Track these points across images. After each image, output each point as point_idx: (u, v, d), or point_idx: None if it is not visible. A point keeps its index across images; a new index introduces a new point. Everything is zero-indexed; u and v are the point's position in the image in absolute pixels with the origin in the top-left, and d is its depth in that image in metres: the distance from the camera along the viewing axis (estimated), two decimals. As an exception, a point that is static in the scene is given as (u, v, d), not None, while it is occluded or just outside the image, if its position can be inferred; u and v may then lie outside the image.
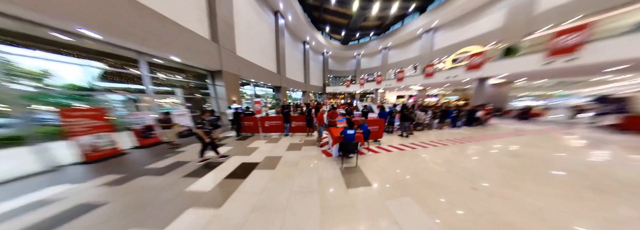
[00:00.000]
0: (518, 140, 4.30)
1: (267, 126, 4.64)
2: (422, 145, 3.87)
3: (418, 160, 2.91)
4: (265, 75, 9.94)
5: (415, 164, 2.75)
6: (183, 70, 5.76)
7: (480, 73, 8.73)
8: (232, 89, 6.50)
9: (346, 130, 2.58)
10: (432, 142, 4.13)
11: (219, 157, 2.98)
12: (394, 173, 2.40)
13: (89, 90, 3.45)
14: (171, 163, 2.82)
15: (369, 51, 20.45)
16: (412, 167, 2.60)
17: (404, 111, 4.47)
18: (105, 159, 2.96)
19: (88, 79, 3.48)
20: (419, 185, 2.03)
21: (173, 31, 4.14)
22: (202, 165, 2.73)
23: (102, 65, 3.76)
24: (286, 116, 4.38)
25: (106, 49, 3.55)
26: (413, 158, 3.03)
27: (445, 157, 3.07)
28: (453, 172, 2.42)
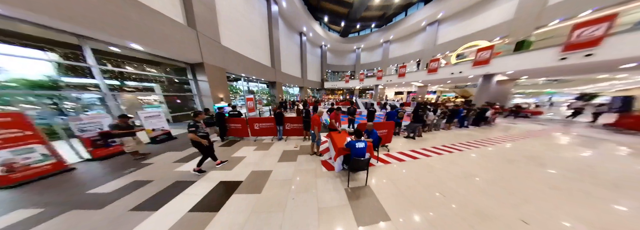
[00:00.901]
0: (542, 143, 3.87)
1: (258, 129, 3.97)
2: (437, 151, 3.37)
3: (440, 174, 2.39)
4: (258, 69, 8.98)
5: (438, 179, 2.23)
6: (159, 63, 4.83)
7: (487, 69, 8.18)
8: (217, 85, 5.65)
9: (354, 142, 1.96)
10: (446, 146, 3.64)
11: (217, 164, 2.60)
12: (417, 196, 1.87)
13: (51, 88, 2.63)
14: (126, 184, 2.16)
15: (370, 45, 19.36)
16: (437, 185, 2.07)
17: (418, 111, 3.90)
18: (37, 180, 2.24)
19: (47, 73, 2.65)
20: (456, 217, 1.51)
21: (132, 12, 3.20)
22: (199, 175, 2.34)
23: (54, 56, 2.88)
24: (279, 118, 3.71)
25: (44, 34, 2.65)
26: (432, 170, 2.51)
27: (469, 169, 2.57)
28: (490, 194, 1.91)
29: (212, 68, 5.36)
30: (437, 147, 3.61)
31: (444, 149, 3.49)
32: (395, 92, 21.22)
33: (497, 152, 3.31)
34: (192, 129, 2.16)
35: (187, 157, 3.01)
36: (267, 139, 4.09)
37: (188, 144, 3.26)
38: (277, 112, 3.68)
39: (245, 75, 8.40)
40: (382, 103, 12.19)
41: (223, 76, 5.96)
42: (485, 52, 8.06)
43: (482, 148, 3.59)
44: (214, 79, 5.45)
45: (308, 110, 3.64)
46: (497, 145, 3.82)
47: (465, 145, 3.74)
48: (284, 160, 2.83)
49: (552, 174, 2.45)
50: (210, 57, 5.25)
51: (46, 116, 2.69)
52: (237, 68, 7.00)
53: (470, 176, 2.34)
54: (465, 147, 3.65)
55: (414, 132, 4.19)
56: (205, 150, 2.37)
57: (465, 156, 3.09)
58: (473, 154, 3.24)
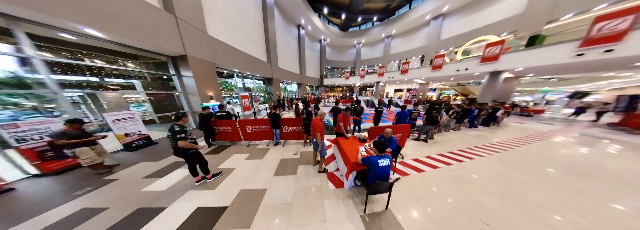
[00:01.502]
0: (565, 147, 3.51)
1: (251, 132, 3.42)
2: (456, 157, 2.95)
3: (474, 191, 1.97)
4: (253, 64, 8.22)
5: (474, 199, 1.80)
6: (137, 56, 4.09)
7: (496, 66, 7.73)
8: (205, 81, 4.97)
9: (376, 159, 1.47)
10: (464, 151, 3.23)
11: (211, 177, 2.18)
12: (453, 224, 1.42)
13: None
14: (71, 213, 1.61)
15: (371, 40, 18.51)
16: (478, 210, 1.64)
17: (432, 111, 3.43)
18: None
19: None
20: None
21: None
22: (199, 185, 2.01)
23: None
24: (275, 120, 3.16)
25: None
26: (461, 184, 2.09)
27: (502, 180, 2.17)
28: (540, 220, 1.49)
29: (198, 62, 4.64)
30: (454, 152, 3.20)
31: (462, 154, 3.08)
32: (395, 90, 20.79)
33: (524, 159, 2.92)
34: (182, 135, 1.76)
35: (161, 170, 2.46)
36: (262, 143, 3.56)
37: (168, 151, 2.70)
38: (272, 113, 3.12)
39: (239, 71, 7.66)
40: (385, 101, 11.73)
41: (212, 71, 5.26)
42: (494, 47, 7.57)
43: (504, 153, 3.20)
44: (201, 74, 4.75)
45: (309, 111, 3.09)
46: (517, 149, 3.45)
47: (484, 150, 3.34)
48: (281, 173, 2.34)
49: (608, 187, 2.07)
50: (194, 49, 4.53)
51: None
52: (228, 62, 6.26)
53: (514, 194, 1.92)
54: (485, 151, 3.25)
55: (427, 134, 3.75)
56: (197, 158, 2.01)
57: (490, 164, 2.69)
58: (498, 160, 2.84)
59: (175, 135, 1.74)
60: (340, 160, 2.34)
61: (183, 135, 1.77)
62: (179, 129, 1.76)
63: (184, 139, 1.78)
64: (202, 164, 2.09)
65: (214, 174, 2.24)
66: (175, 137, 1.74)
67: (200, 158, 2.05)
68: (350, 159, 1.81)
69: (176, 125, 1.79)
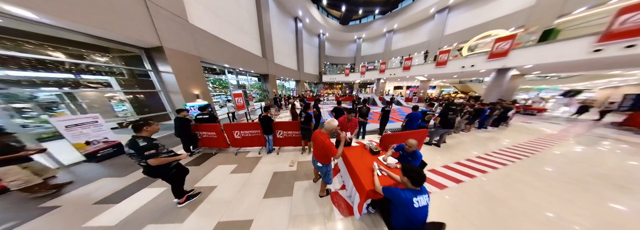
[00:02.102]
0: (585, 150, 3.14)
1: (239, 138, 2.90)
2: (477, 165, 2.54)
3: (514, 216, 1.54)
4: (246, 59, 7.49)
5: (512, 225, 1.38)
6: (107, 48, 3.38)
7: (504, 62, 7.29)
8: (189, 78, 4.33)
9: (410, 196, 0.96)
10: (483, 158, 2.83)
11: (184, 201, 1.72)
12: None
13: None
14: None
15: (372, 34, 17.67)
16: None
17: (448, 113, 2.97)
18: None
19: None
20: None
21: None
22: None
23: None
24: (266, 124, 2.63)
25: None
26: (497, 206, 1.68)
27: (543, 198, 1.77)
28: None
29: (178, 55, 3.97)
30: (473, 159, 2.79)
31: (483, 162, 2.68)
32: (395, 87, 20.34)
33: (555, 168, 2.54)
34: (152, 152, 1.31)
35: (123, 190, 1.95)
36: (253, 150, 3.05)
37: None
38: (263, 116, 2.59)
39: (230, 67, 6.94)
40: (386, 98, 11.27)
41: (196, 66, 4.59)
42: (504, 42, 7.07)
43: (528, 160, 2.82)
44: (183, 69, 4.09)
45: (309, 114, 2.57)
46: (538, 155, 3.08)
47: (504, 156, 2.96)
48: (273, 193, 1.86)
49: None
50: (172, 40, 3.83)
51: None
52: (216, 56, 5.55)
53: (562, 219, 1.51)
54: (506, 158, 2.86)
55: (440, 138, 3.33)
56: (182, 174, 1.64)
57: (519, 175, 2.29)
58: (526, 170, 2.45)
59: (141, 153, 1.26)
60: (347, 178, 1.88)
61: (154, 151, 1.31)
62: (146, 144, 1.29)
63: (156, 155, 1.33)
64: (177, 184, 1.62)
65: (190, 196, 1.74)
66: (144, 156, 1.28)
67: (185, 173, 1.67)
68: (364, 183, 1.33)
69: (139, 139, 1.30)
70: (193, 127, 2.83)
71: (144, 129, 1.34)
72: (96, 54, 3.63)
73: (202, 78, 4.80)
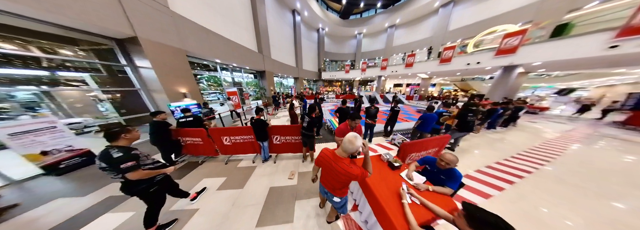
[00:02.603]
0: (608, 153, 2.91)
1: (229, 144, 2.49)
2: (501, 174, 2.23)
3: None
4: (240, 54, 6.89)
5: None
6: (74, 39, 2.81)
7: (512, 59, 6.96)
8: (173, 74, 3.81)
9: None
10: (504, 165, 2.53)
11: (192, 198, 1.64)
12: None
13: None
14: None
15: (373, 30, 16.97)
16: None
17: (468, 115, 2.63)
18: None
19: None
20: None
21: None
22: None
23: None
24: (259, 129, 2.22)
25: None
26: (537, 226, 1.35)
27: (584, 215, 1.46)
28: None
29: (158, 47, 3.42)
30: (494, 166, 2.49)
31: (507, 170, 2.38)
32: (395, 84, 19.96)
33: (583, 176, 2.27)
34: (130, 164, 1.05)
35: (76, 218, 1.54)
36: (246, 158, 2.66)
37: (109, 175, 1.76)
38: (255, 120, 2.17)
39: (222, 63, 6.35)
40: (388, 97, 10.92)
41: (182, 61, 4.05)
42: (513, 38, 6.70)
43: (552, 166, 2.55)
44: (165, 64, 3.56)
45: (312, 119, 2.15)
46: (560, 159, 2.82)
47: (525, 160, 2.68)
48: (269, 219, 1.48)
49: None
50: (150, 30, 3.27)
51: None
52: (206, 50, 4.98)
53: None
54: (528, 164, 2.58)
55: (455, 142, 3.01)
56: (157, 195, 1.29)
57: (551, 185, 2.00)
58: (555, 178, 2.17)
59: (116, 167, 1.02)
60: (359, 196, 1.51)
61: (133, 164, 1.06)
62: (121, 155, 1.03)
63: (136, 168, 1.07)
64: (157, 205, 1.29)
65: (161, 226, 1.36)
66: (120, 169, 1.03)
67: (171, 190, 1.43)
68: (393, 219, 0.96)
69: (113, 149, 1.05)
70: (174, 133, 2.38)
71: (121, 136, 1.08)
72: (64, 47, 3.04)
73: (189, 74, 4.28)
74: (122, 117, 3.61)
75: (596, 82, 13.55)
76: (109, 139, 1.07)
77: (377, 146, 3.19)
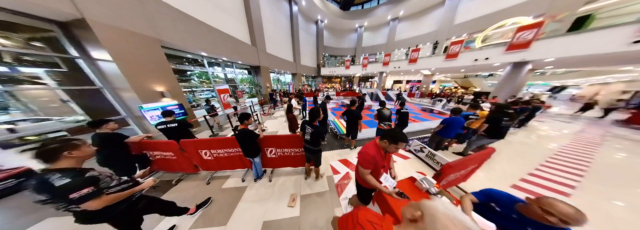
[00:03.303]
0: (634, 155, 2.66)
1: (211, 159, 1.95)
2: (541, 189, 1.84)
3: None
4: (230, 47, 6.09)
5: None
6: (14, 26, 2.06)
7: (524, 55, 6.51)
8: (144, 69, 3.11)
9: None
10: (536, 175, 2.16)
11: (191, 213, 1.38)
12: None
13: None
14: None
15: (374, 23, 16.02)
16: None
17: (502, 119, 2.17)
18: None
19: None
20: None
21: None
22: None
23: None
24: (245, 142, 1.67)
25: None
26: None
27: None
28: None
29: (117, 34, 2.69)
30: (527, 179, 2.11)
31: (542, 183, 1.99)
32: (395, 81, 19.46)
33: (628, 182, 1.92)
34: (89, 191, 0.77)
35: None
36: (235, 174, 2.14)
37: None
38: (238, 131, 1.60)
39: (209, 56, 5.56)
40: (391, 94, 10.43)
41: (155, 53, 3.32)
42: (527, 32, 6.19)
43: (591, 172, 2.21)
44: (131, 56, 2.85)
45: (317, 128, 1.55)
46: (595, 163, 2.50)
47: (556, 170, 2.32)
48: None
49: None
50: (103, 10, 2.52)
51: None
52: (187, 41, 4.21)
53: None
54: (562, 174, 2.22)
55: (479, 149, 2.60)
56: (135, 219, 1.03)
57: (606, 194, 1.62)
58: (604, 196, 1.79)
59: (64, 196, 0.73)
60: None
61: (90, 190, 0.77)
62: (69, 182, 0.73)
63: (96, 194, 0.78)
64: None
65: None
66: (71, 201, 0.74)
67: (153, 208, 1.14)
68: None
69: (54, 175, 0.74)
70: (136, 146, 1.81)
71: (62, 155, 0.78)
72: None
73: (166, 69, 3.58)
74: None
75: (592, 80, 13.55)
76: (46, 159, 0.77)
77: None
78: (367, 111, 6.93)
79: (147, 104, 3.08)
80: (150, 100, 3.21)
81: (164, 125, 2.01)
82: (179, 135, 2.06)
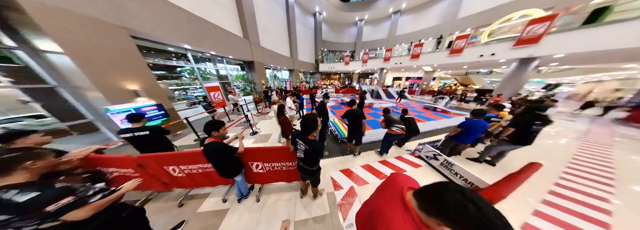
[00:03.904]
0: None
1: (181, 176, 1.55)
2: (573, 204, 1.55)
3: None
4: (219, 39, 5.48)
5: None
6: None
7: (532, 50, 6.16)
8: (107, 63, 2.59)
9: None
10: (564, 186, 1.87)
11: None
12: None
13: None
14: None
15: (375, 16, 15.23)
16: None
17: (533, 123, 1.83)
18: None
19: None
20: None
21: None
22: None
23: None
24: (217, 157, 1.24)
25: None
26: None
27: None
28: None
29: (64, 17, 2.15)
30: (556, 191, 1.82)
31: (572, 195, 1.71)
32: (394, 78, 19.00)
33: None
34: (70, 200, 0.68)
35: None
36: (215, 192, 1.75)
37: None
38: (205, 146, 1.17)
39: (194, 49, 4.96)
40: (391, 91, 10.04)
41: (122, 44, 2.78)
42: (538, 25, 5.78)
43: (621, 175, 1.94)
44: (87, 47, 2.33)
45: (312, 146, 1.07)
46: (619, 173, 2.24)
47: (583, 177, 2.05)
48: None
49: None
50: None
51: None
52: (165, 31, 3.62)
53: None
54: (590, 182, 1.95)
55: (499, 156, 2.29)
56: None
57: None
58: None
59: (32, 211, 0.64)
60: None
61: (72, 199, 0.70)
62: (40, 194, 0.65)
63: (80, 203, 0.72)
64: None
65: None
66: (50, 214, 0.66)
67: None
68: None
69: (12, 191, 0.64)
70: (85, 163, 1.37)
71: (18, 166, 0.68)
72: None
73: (141, 64, 3.05)
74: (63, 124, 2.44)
75: (588, 78, 13.46)
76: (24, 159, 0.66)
77: (398, 161, 2.40)
78: (368, 110, 6.56)
79: (117, 105, 2.59)
80: (121, 101, 2.73)
81: (130, 133, 1.57)
82: (151, 145, 1.64)
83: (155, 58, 4.24)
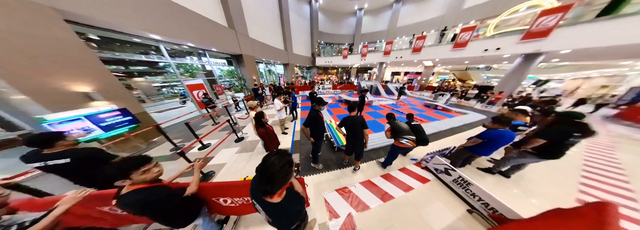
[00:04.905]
0: None
1: (111, 214, 1.13)
2: None
3: None
4: (196, 28, 4.67)
5: None
6: None
7: (540, 45, 5.79)
8: (34, 58, 1.97)
9: None
10: (586, 192, 1.64)
11: None
12: None
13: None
14: None
15: (376, 5, 14.05)
16: None
17: (569, 134, 1.51)
18: None
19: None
20: None
21: None
22: None
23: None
24: (153, 208, 0.75)
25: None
26: None
27: None
28: None
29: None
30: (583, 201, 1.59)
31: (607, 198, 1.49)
32: (392, 73, 18.43)
33: None
34: None
35: None
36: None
37: None
38: (120, 198, 0.70)
39: (165, 40, 4.18)
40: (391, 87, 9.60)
41: (57, 33, 2.13)
42: (550, 17, 5.33)
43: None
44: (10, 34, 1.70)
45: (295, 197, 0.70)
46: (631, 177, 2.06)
47: (603, 190, 1.84)
48: None
49: None
50: None
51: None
52: (121, 16, 2.88)
53: None
54: (610, 188, 1.74)
55: (516, 168, 2.02)
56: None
57: None
58: None
59: None
60: None
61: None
62: None
63: None
64: None
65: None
66: None
67: None
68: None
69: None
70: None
71: None
72: None
73: (90, 59, 2.41)
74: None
75: (579, 74, 13.45)
76: None
77: (403, 174, 2.09)
78: (367, 108, 6.16)
79: (59, 113, 2.04)
80: (68, 107, 2.17)
81: (42, 161, 1.09)
82: (84, 173, 1.18)
83: (117, 52, 3.53)
